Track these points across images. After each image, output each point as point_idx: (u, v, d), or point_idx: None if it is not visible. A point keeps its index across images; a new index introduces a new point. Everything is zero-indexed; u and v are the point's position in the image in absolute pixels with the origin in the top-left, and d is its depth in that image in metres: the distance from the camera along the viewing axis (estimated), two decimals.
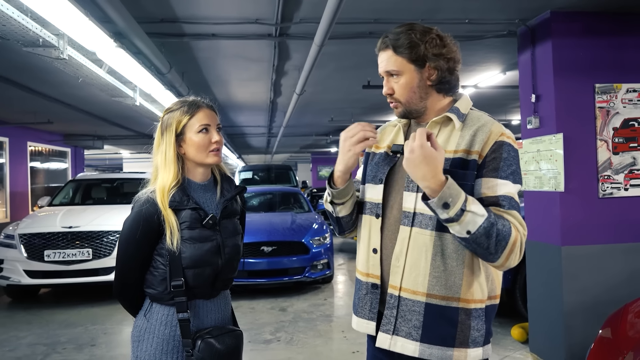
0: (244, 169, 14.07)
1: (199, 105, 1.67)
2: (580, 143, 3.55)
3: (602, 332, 2.63)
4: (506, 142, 1.41)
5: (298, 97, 5.70)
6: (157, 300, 1.64)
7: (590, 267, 3.54)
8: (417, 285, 1.41)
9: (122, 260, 1.66)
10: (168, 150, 1.64)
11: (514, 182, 1.39)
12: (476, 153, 1.40)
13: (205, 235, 1.63)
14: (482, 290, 1.42)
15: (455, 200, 1.27)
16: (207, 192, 1.71)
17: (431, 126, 1.48)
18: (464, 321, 1.40)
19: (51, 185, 9.87)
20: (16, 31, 2.69)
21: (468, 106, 1.51)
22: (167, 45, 4.11)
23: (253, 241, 6.30)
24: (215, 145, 1.66)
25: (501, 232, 1.29)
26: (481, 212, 1.28)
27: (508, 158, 1.39)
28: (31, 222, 6.28)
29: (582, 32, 3.57)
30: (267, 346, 4.43)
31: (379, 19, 3.66)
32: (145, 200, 1.61)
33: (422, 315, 1.40)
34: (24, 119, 7.73)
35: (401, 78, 1.46)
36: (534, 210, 3.91)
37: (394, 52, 1.45)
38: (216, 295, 1.71)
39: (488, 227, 1.28)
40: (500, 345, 4.19)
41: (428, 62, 1.44)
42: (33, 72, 4.76)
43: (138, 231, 1.60)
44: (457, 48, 1.49)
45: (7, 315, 5.75)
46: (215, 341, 1.58)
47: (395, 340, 1.43)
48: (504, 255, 1.31)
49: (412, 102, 1.48)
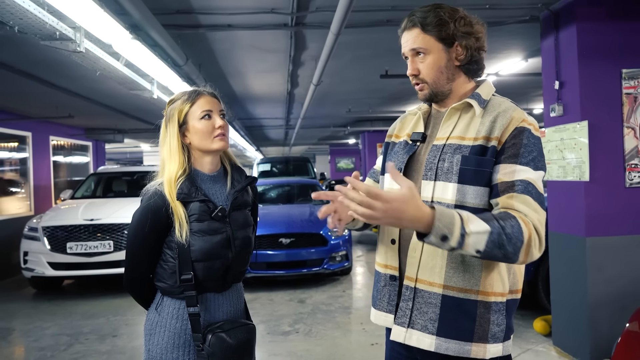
0: (262, 161, 14.12)
1: (200, 92, 1.64)
2: (606, 131, 3.44)
3: (629, 326, 2.55)
4: (527, 128, 1.34)
5: (315, 88, 5.65)
6: (168, 294, 1.63)
7: (616, 259, 3.44)
8: (433, 276, 1.36)
9: (131, 253, 1.64)
10: (172, 141, 1.61)
11: (535, 169, 1.32)
12: (495, 139, 1.34)
13: (214, 227, 1.59)
14: (504, 283, 1.36)
15: (452, 228, 1.19)
16: (216, 183, 1.67)
17: (451, 113, 1.43)
18: (483, 315, 1.34)
19: (73, 179, 10.03)
20: (33, 25, 2.70)
21: (490, 92, 1.45)
22: (184, 37, 4.11)
23: (271, 233, 6.32)
24: (220, 130, 1.61)
25: (511, 235, 1.22)
26: (483, 228, 1.21)
27: (529, 144, 1.33)
28: (54, 215, 6.40)
29: (608, 15, 3.44)
30: (285, 338, 4.44)
31: (397, 6, 3.59)
32: (153, 193, 1.58)
33: (438, 307, 1.34)
34: (45, 114, 7.85)
35: (428, 57, 1.41)
36: (557, 200, 3.81)
37: (421, 30, 1.39)
38: (227, 288, 1.68)
39: (496, 240, 1.21)
40: (522, 339, 4.12)
41: (457, 40, 1.39)
42: (52, 67, 4.81)
43: (147, 224, 1.57)
44: (484, 29, 1.44)
45: (32, 306, 5.88)
46: (226, 335, 1.56)
47: (411, 334, 1.37)
48: (522, 254, 1.25)
49: (439, 83, 1.43)
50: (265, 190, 8.87)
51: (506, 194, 1.30)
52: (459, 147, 1.37)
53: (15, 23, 2.67)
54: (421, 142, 1.50)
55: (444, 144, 1.41)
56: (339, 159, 21.22)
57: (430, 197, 1.39)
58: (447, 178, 1.37)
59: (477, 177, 1.34)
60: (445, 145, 1.41)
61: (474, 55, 1.42)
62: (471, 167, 1.34)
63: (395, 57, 5.05)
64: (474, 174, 1.34)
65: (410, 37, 1.43)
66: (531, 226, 1.25)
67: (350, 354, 4.05)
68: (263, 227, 6.51)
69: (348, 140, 16.83)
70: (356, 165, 20.71)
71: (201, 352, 1.55)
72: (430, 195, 1.39)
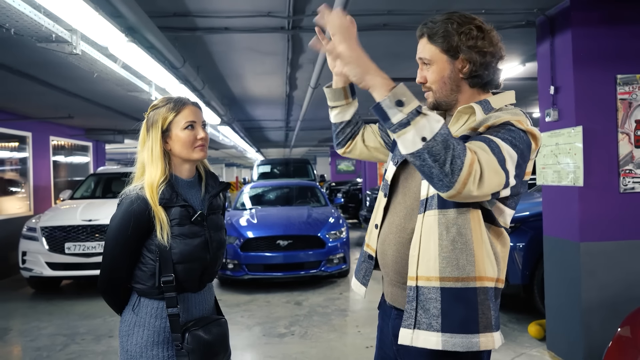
0: (262, 162, 14.14)
1: (185, 103, 1.71)
2: (601, 136, 3.44)
3: (620, 331, 2.55)
4: (518, 126, 1.32)
5: (313, 91, 5.67)
6: (146, 295, 1.66)
7: (610, 264, 3.44)
8: (429, 270, 1.34)
9: (110, 256, 1.66)
10: (155, 146, 1.66)
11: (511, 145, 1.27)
12: (485, 127, 1.34)
13: (194, 231, 1.66)
14: (493, 267, 1.36)
15: (410, 99, 1.18)
16: (192, 188, 1.75)
17: (457, 116, 1.44)
18: (484, 301, 1.32)
19: (74, 179, 10.06)
20: (29, 27, 2.72)
21: (504, 102, 1.44)
22: (181, 39, 4.12)
23: (269, 235, 6.33)
24: (201, 141, 1.69)
25: (457, 147, 1.16)
26: (438, 117, 1.18)
27: (512, 131, 1.30)
28: (53, 215, 6.41)
29: (603, 20, 3.45)
30: (281, 340, 4.45)
31: (393, 11, 3.60)
32: (136, 198, 1.62)
33: (439, 302, 1.31)
34: (45, 114, 7.87)
35: (432, 67, 1.44)
36: (552, 205, 3.82)
37: (428, 41, 1.44)
38: (203, 288, 1.76)
39: (445, 135, 1.16)
40: (516, 343, 4.12)
41: (461, 53, 1.39)
42: (51, 68, 4.83)
43: (129, 228, 1.61)
44: (499, 42, 1.43)
45: (30, 305, 5.90)
46: (202, 332, 1.63)
47: (417, 335, 1.34)
48: (461, 179, 1.15)
49: (442, 93, 1.45)
50: (263, 192, 8.88)
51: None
52: None
53: (12, 25, 2.70)
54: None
55: None
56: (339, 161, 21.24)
57: (425, 194, 1.40)
58: None
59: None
60: None
61: (477, 69, 1.41)
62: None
63: (392, 60, 5.05)
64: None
65: (420, 46, 1.47)
66: (475, 157, 1.19)
67: (345, 356, 4.05)
68: (261, 228, 6.52)
69: None
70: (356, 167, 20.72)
71: (181, 351, 1.60)
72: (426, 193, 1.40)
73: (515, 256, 4.54)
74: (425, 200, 1.39)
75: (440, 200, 1.34)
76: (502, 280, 1.41)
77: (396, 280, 1.48)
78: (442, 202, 1.34)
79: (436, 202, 1.35)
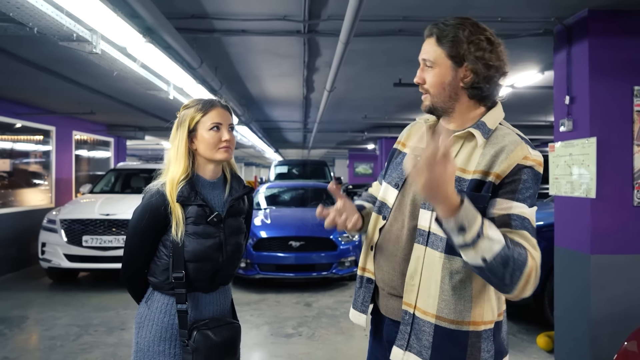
0: (280, 163, 14.24)
1: (213, 104, 1.74)
2: (615, 148, 3.40)
3: (626, 345, 2.52)
4: (528, 165, 1.32)
5: (329, 94, 5.70)
6: (158, 289, 1.71)
7: (621, 278, 3.39)
8: (427, 306, 1.37)
9: (129, 247, 1.74)
10: (180, 144, 1.71)
11: (530, 206, 1.32)
12: (494, 175, 1.32)
13: (208, 231, 1.68)
14: (493, 311, 1.38)
15: (472, 223, 1.18)
16: (215, 189, 1.77)
17: (454, 141, 1.40)
18: (474, 344, 1.35)
19: (96, 173, 10.28)
20: (51, 26, 2.81)
21: (497, 120, 1.42)
22: (199, 40, 4.20)
23: (282, 235, 6.38)
24: (225, 143, 1.71)
25: (517, 261, 1.21)
26: (498, 237, 1.20)
27: (527, 180, 1.32)
28: (72, 208, 6.57)
29: (622, 31, 3.41)
30: (288, 340, 4.48)
31: (408, 17, 3.61)
32: (155, 192, 1.69)
33: (431, 336, 1.36)
34: (68, 109, 8.06)
35: (434, 70, 1.40)
36: (563, 216, 3.77)
37: (436, 42, 1.40)
38: (215, 289, 1.76)
39: (505, 256, 1.20)
40: (524, 354, 4.08)
41: (466, 62, 1.37)
42: (74, 64, 4.95)
43: (144, 220, 1.68)
44: (505, 58, 1.41)
45: (47, 296, 6.06)
46: (211, 333, 1.63)
47: (408, 356, 1.39)
48: (519, 287, 1.23)
49: (439, 98, 1.42)
50: (279, 192, 8.94)
51: (504, 229, 1.28)
52: (458, 179, 1.34)
53: (35, 24, 2.79)
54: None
55: None
56: (357, 164, 21.21)
57: (427, 226, 1.38)
58: None
59: None
60: None
61: (479, 81, 1.38)
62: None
63: (408, 66, 5.06)
64: None
65: (425, 46, 1.44)
66: (535, 263, 1.25)
67: (350, 359, 4.07)
68: (274, 229, 6.57)
69: (367, 145, 16.82)
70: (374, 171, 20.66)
71: (186, 348, 1.63)
72: (428, 225, 1.38)
73: None
74: (428, 234, 1.38)
75: (448, 245, 1.32)
76: (501, 314, 1.43)
77: (392, 294, 1.48)
78: (449, 248, 1.33)
79: (443, 245, 1.34)
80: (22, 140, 8.08)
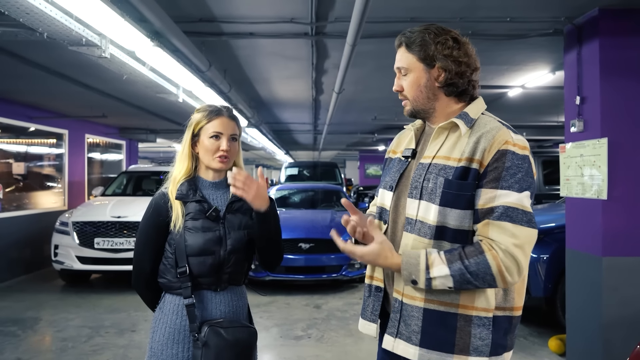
0: (290, 165, 14.26)
1: (219, 113, 1.77)
2: (627, 149, 3.35)
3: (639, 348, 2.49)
4: (510, 150, 1.35)
5: (337, 96, 5.69)
6: (168, 290, 1.74)
7: (633, 280, 3.34)
8: (414, 290, 1.41)
9: (137, 248, 1.79)
10: (185, 146, 1.79)
11: (519, 191, 1.33)
12: (477, 162, 1.37)
13: (207, 225, 1.72)
14: (487, 299, 1.38)
15: (418, 274, 1.34)
16: (218, 189, 1.81)
17: (438, 132, 1.47)
18: (463, 327, 1.37)
19: (108, 176, 10.38)
20: (60, 31, 2.84)
21: (479, 111, 1.48)
22: (208, 43, 4.22)
23: (291, 237, 6.38)
24: (222, 152, 1.74)
25: (477, 272, 1.29)
26: (444, 272, 1.31)
27: (511, 167, 1.34)
28: (84, 210, 6.64)
29: (633, 30, 3.36)
30: (297, 342, 4.48)
31: (415, 18, 3.59)
32: (160, 191, 1.77)
33: (420, 320, 1.40)
34: (81, 113, 8.16)
35: (409, 76, 1.48)
36: (575, 218, 3.73)
37: (406, 49, 1.48)
38: (224, 288, 1.76)
39: (460, 279, 1.30)
40: (536, 357, 4.03)
41: (437, 62, 1.44)
42: (84, 68, 5.01)
43: (148, 219, 1.75)
44: (473, 54, 1.49)
45: (60, 297, 6.12)
46: (223, 331, 1.63)
47: (398, 343, 1.44)
48: (498, 283, 1.31)
49: (418, 101, 1.50)
50: (289, 194, 8.95)
51: (483, 220, 1.34)
52: (443, 167, 1.41)
53: (44, 30, 2.82)
54: (411, 158, 1.56)
55: (430, 163, 1.46)
56: (368, 165, 21.15)
57: (415, 215, 1.44)
58: (430, 199, 1.41)
59: (459, 201, 1.38)
60: (431, 164, 1.45)
61: (452, 78, 1.45)
62: (453, 191, 1.38)
63: None
64: (456, 197, 1.38)
65: (398, 55, 1.52)
66: (500, 256, 1.29)
67: None
68: (284, 231, 6.51)
69: (377, 147, 16.78)
70: None
71: (196, 342, 1.63)
72: (415, 214, 1.44)
73: (538, 268, 4.45)
74: (415, 222, 1.43)
75: (436, 231, 1.38)
76: (513, 308, 1.42)
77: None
78: (437, 233, 1.39)
79: (432, 231, 1.39)
80: (36, 143, 8.20)
